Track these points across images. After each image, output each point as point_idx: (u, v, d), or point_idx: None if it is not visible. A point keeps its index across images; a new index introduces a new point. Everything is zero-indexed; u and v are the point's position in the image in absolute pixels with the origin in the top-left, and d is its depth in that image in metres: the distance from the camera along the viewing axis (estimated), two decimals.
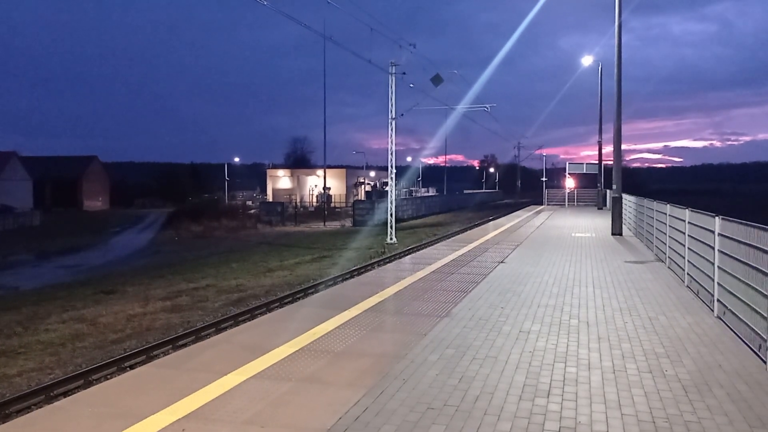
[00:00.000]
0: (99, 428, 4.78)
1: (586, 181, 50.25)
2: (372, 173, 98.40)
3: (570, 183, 48.90)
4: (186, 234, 50.98)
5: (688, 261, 10.88)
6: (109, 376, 10.97)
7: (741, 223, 7.35)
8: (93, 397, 5.57)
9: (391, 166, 36.96)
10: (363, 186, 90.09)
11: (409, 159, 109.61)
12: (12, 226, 59.97)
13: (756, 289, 6.70)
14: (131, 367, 11.27)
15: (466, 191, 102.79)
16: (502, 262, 14.43)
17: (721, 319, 8.37)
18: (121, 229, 59.26)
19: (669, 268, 13.24)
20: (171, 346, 13.01)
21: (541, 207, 46.57)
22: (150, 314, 17.29)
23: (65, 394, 9.95)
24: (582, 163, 48.78)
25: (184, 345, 12.48)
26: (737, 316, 7.51)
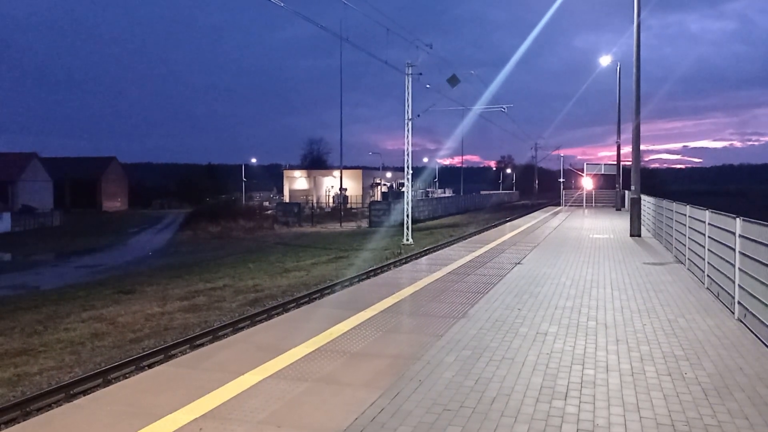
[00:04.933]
0: (117, 427, 4.83)
1: (604, 181, 49.81)
2: (388, 174, 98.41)
3: (587, 183, 48.40)
4: (203, 234, 51.34)
5: (708, 263, 10.75)
6: (127, 375, 11.08)
7: (763, 225, 7.25)
8: (112, 395, 5.62)
9: (408, 167, 36.93)
10: (379, 187, 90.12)
11: (425, 160, 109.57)
12: (33, 226, 60.79)
13: None
14: (149, 367, 11.36)
15: (482, 192, 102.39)
16: (519, 263, 14.35)
17: (742, 321, 8.26)
18: (139, 230, 59.82)
19: (688, 269, 13.09)
20: (188, 345, 13.11)
21: (559, 208, 46.28)
22: (168, 314, 17.42)
23: (84, 393, 10.06)
24: (600, 164, 48.41)
25: (202, 345, 12.57)
26: (759, 318, 7.40)
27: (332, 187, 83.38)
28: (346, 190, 72.90)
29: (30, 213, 64.47)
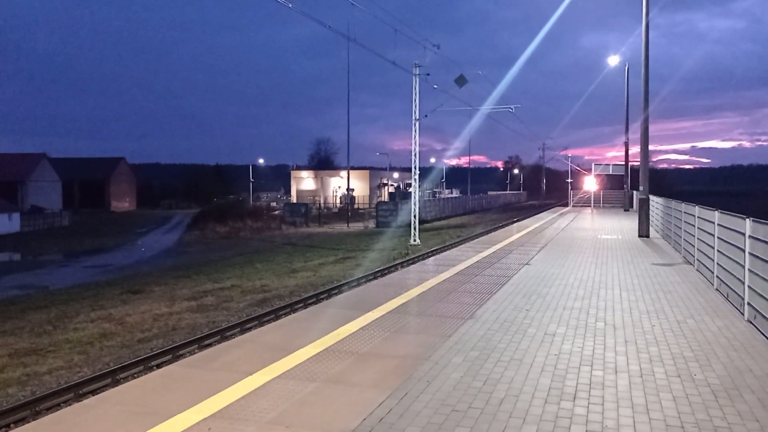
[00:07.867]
0: (126, 426, 4.85)
1: (612, 182, 49.54)
2: (395, 174, 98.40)
3: (591, 185, 47.92)
4: (211, 235, 51.55)
5: (718, 263, 10.69)
6: (136, 375, 11.12)
7: None
8: (121, 395, 5.65)
9: (415, 167, 36.90)
10: (386, 187, 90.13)
11: (432, 160, 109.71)
12: (42, 226, 61.17)
13: None
14: (158, 367, 11.40)
15: (490, 192, 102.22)
16: (526, 263, 14.32)
17: (751, 322, 8.21)
18: (147, 230, 60.09)
19: (697, 270, 13.03)
20: (197, 345, 13.15)
21: (567, 209, 46.14)
22: (176, 314, 17.48)
23: (94, 393, 10.10)
24: (608, 164, 48.16)
25: (210, 345, 12.60)
26: None
27: (339, 187, 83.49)
28: (353, 190, 72.95)
29: (39, 213, 64.86)
